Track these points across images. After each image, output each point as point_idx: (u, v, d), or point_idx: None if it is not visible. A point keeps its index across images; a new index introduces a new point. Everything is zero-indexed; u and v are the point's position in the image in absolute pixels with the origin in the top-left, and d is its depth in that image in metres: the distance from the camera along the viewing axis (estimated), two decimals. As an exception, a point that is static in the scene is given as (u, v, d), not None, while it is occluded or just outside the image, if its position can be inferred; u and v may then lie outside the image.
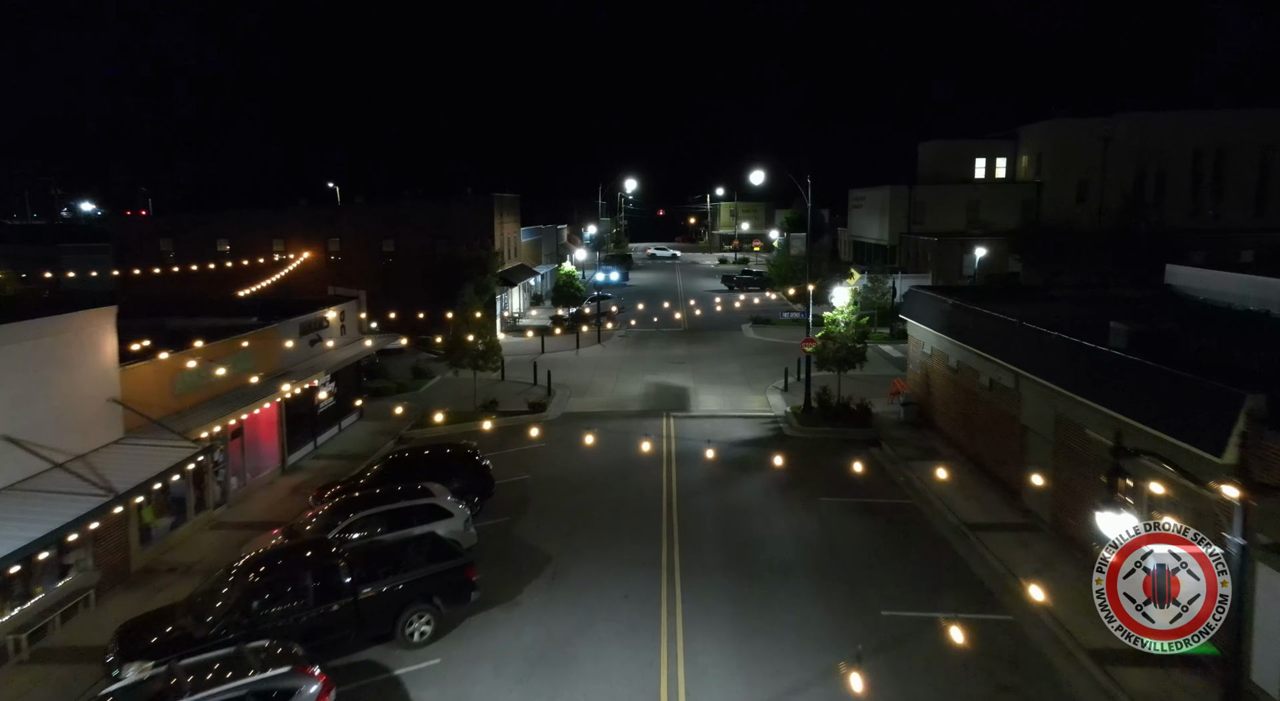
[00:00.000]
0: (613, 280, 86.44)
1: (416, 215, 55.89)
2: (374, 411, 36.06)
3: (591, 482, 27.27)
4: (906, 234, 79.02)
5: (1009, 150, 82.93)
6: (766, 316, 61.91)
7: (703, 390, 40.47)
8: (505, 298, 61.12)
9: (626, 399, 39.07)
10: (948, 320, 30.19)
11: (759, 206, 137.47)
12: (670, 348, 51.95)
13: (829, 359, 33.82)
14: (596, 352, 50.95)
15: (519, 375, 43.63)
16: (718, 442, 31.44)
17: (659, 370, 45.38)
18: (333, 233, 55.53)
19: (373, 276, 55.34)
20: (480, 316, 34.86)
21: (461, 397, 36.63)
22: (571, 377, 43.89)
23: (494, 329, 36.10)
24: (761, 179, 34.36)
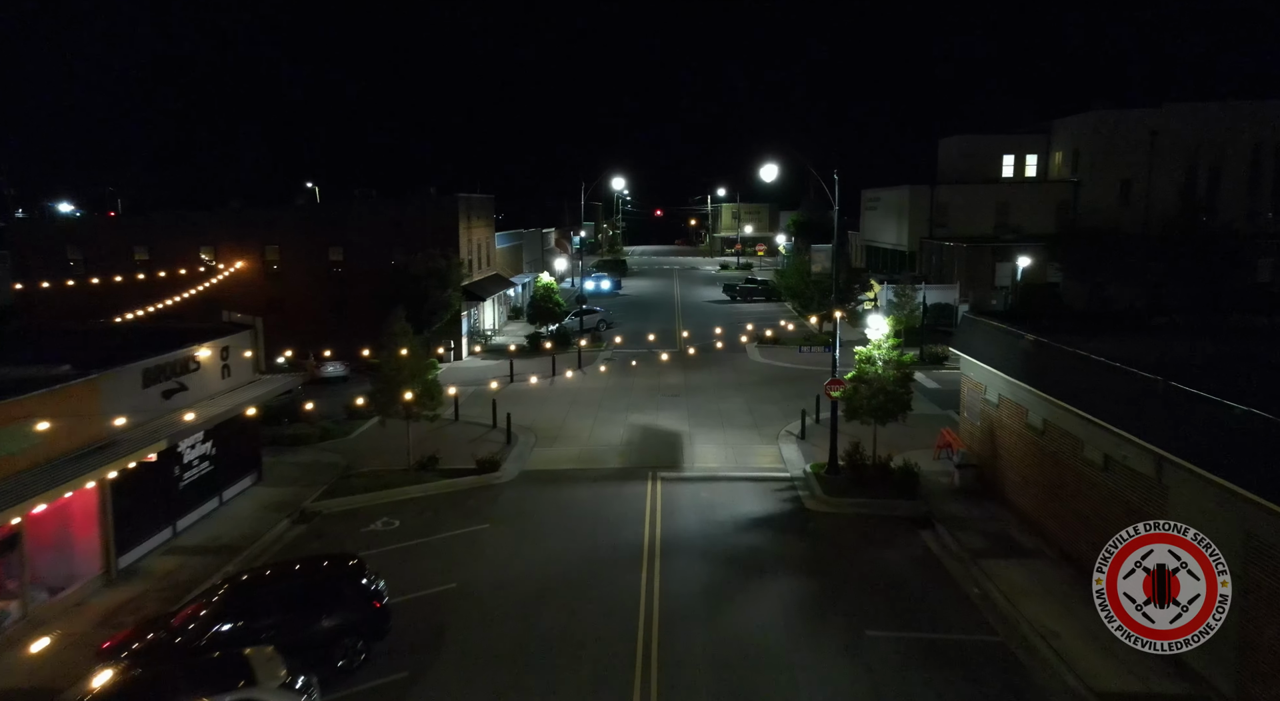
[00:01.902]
0: (603, 289, 78.69)
1: (368, 218, 48.15)
2: (281, 471, 28.28)
3: (543, 597, 19.47)
4: (928, 238, 71.24)
5: (1041, 146, 75.17)
6: (775, 334, 54.06)
7: (700, 436, 32.69)
8: (476, 312, 53.39)
9: (604, 449, 31.28)
10: (1027, 363, 22.42)
11: (763, 208, 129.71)
12: (663, 375, 44.16)
13: (862, 408, 26.04)
14: (575, 380, 43.16)
15: (479, 412, 35.91)
16: (719, 523, 23.68)
17: (648, 406, 37.57)
18: (270, 239, 47.78)
19: (318, 289, 47.69)
20: (410, 354, 27.04)
21: (398, 448, 28.92)
22: (540, 416, 36.12)
23: (431, 366, 28.26)
24: (774, 174, 26.77)
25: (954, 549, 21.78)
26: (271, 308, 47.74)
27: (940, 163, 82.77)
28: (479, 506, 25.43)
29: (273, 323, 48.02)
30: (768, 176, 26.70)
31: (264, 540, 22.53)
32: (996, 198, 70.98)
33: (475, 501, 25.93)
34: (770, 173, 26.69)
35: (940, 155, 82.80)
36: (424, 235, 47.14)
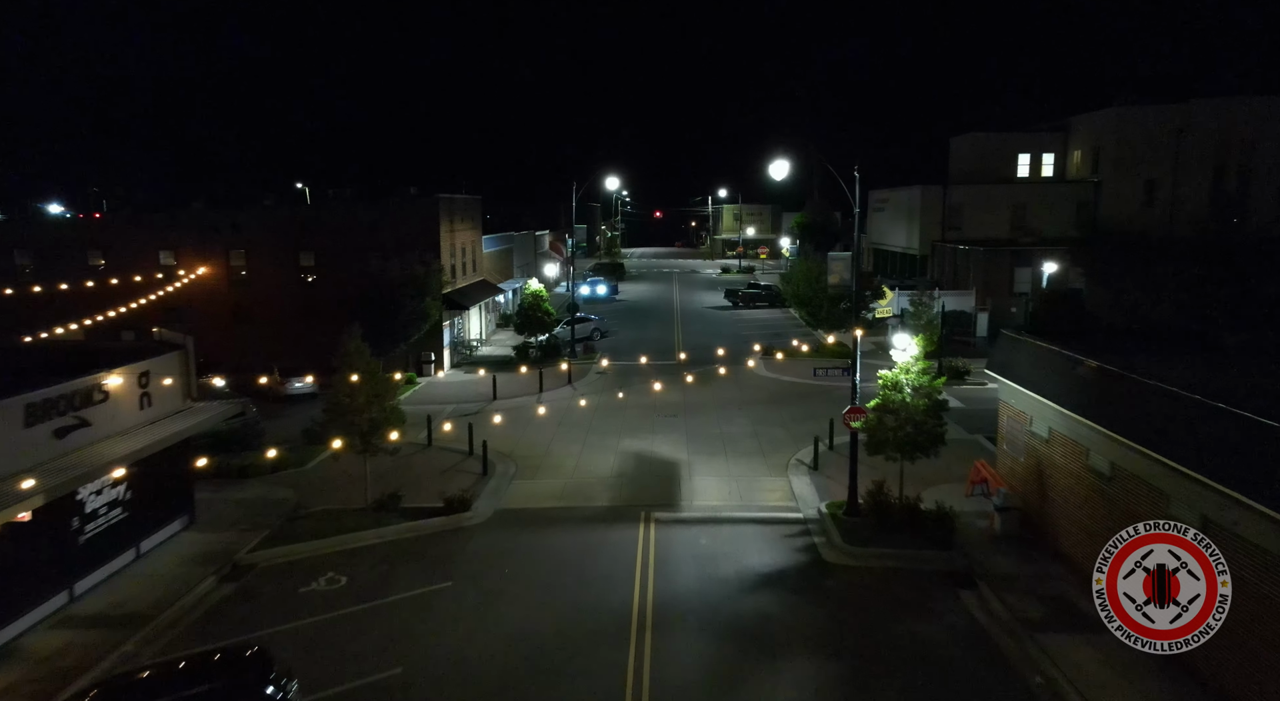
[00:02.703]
0: (599, 294, 75.12)
1: (342, 220, 44.56)
2: (220, 511, 24.70)
3: (506, 689, 15.88)
4: (940, 242, 67.73)
5: (1058, 145, 71.64)
6: (782, 345, 50.44)
7: (700, 465, 29.10)
8: (461, 322, 49.83)
9: (592, 482, 27.69)
10: (1089, 394, 18.85)
11: (765, 210, 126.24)
12: (660, 391, 40.47)
13: (887, 442, 22.43)
14: (564, 398, 39.58)
15: (456, 435, 32.32)
16: (721, 580, 20.12)
17: (643, 428, 33.99)
18: (236, 242, 44.20)
19: (288, 297, 44.12)
20: (367, 376, 23.44)
21: (360, 480, 25.38)
22: (523, 441, 32.57)
23: (394, 390, 24.59)
24: (784, 172, 23.12)
25: (1004, 617, 18.18)
26: (238, 317, 44.33)
27: (951, 162, 79.26)
28: (443, 557, 21.84)
29: (239, 334, 44.72)
30: (778, 174, 23.16)
31: (181, 604, 18.94)
32: (1012, 199, 67.46)
33: (439, 550, 22.34)
34: (780, 170, 23.15)
35: (951, 154, 79.27)
36: (402, 239, 43.62)
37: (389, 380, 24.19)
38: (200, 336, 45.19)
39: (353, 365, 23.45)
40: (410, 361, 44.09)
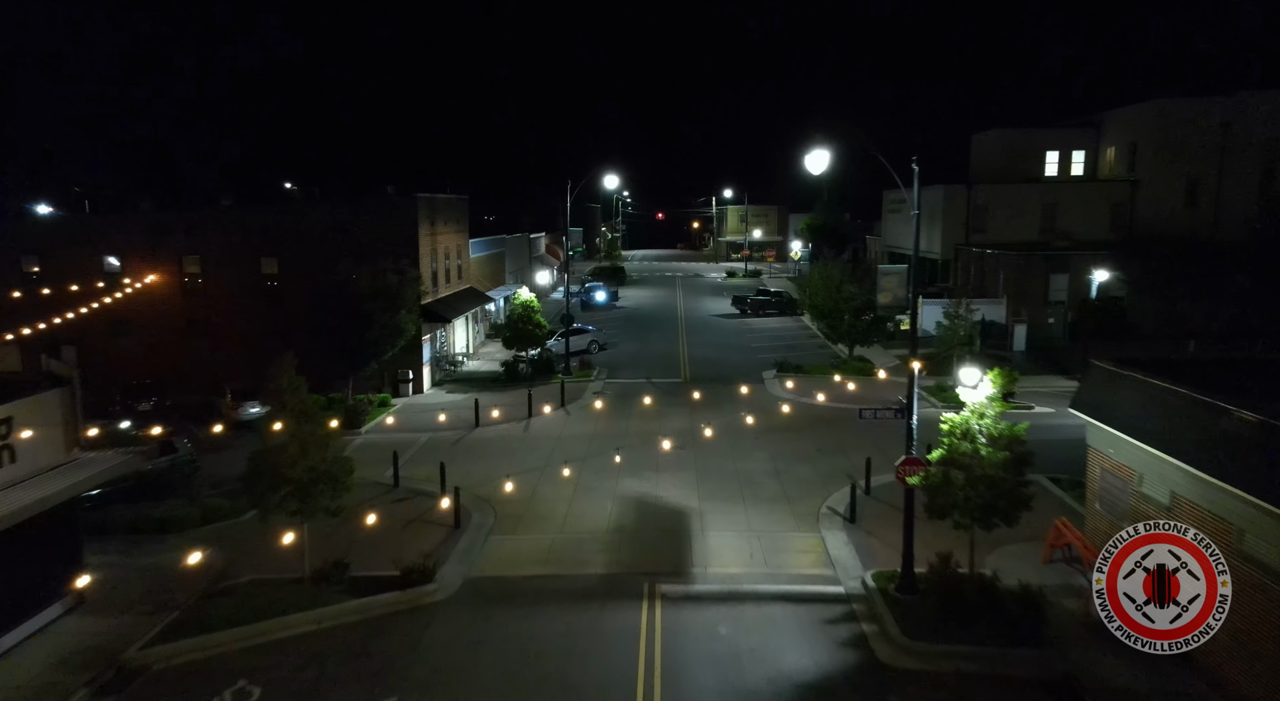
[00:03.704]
0: (598, 301, 70.32)
1: (309, 223, 39.85)
2: (120, 584, 19.97)
3: None
4: (964, 245, 62.98)
5: (1089, 141, 66.93)
6: (797, 359, 45.72)
7: (714, 515, 24.36)
8: (444, 334, 45.12)
9: (585, 537, 22.95)
10: (1243, 456, 14.09)
11: (771, 211, 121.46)
12: (665, 415, 35.84)
13: (955, 505, 17.64)
14: (556, 424, 34.85)
15: (428, 471, 27.71)
16: (750, 694, 15.37)
17: (645, 463, 29.25)
18: (189, 247, 39.51)
19: (248, 309, 39.45)
20: (302, 420, 18.69)
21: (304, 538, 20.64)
22: (503, 482, 27.83)
23: (331, 438, 19.78)
24: (824, 164, 18.43)
25: (1135, 762, 13.45)
26: (191, 330, 39.62)
27: (974, 160, 74.55)
28: (390, 656, 17.10)
29: (192, 349, 40.02)
30: (816, 167, 18.50)
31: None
32: (1042, 199, 62.75)
33: (388, 643, 17.60)
34: (818, 162, 18.50)
35: (974, 152, 74.58)
36: (377, 243, 38.90)
37: (328, 430, 19.41)
38: (149, 352, 41.08)
39: (284, 405, 18.70)
40: (385, 380, 39.41)
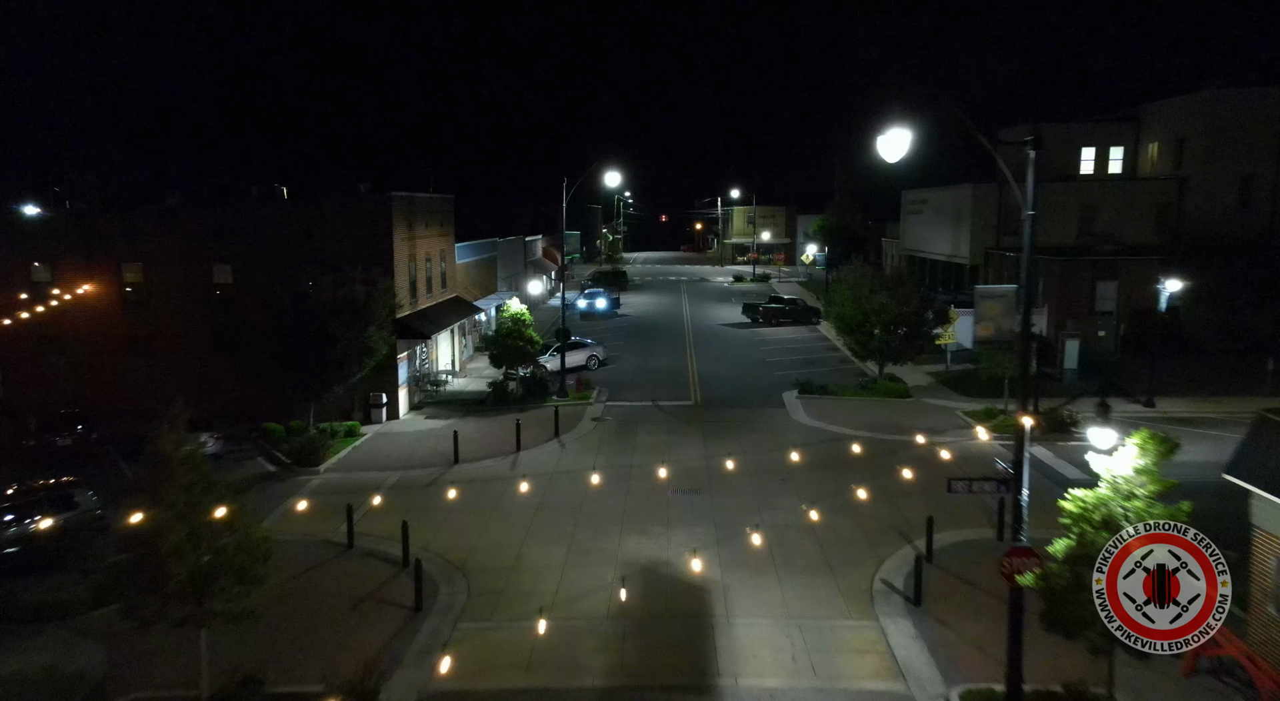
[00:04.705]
0: (598, 309, 65.41)
1: (269, 225, 34.97)
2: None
3: None
4: (995, 249, 58.07)
5: (1128, 136, 62.06)
6: (819, 378, 40.78)
7: (741, 592, 19.46)
8: (425, 350, 40.22)
9: (579, 628, 18.02)
10: None
11: (778, 212, 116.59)
12: (674, 450, 30.93)
13: (1086, 622, 12.61)
14: (549, 461, 29.94)
15: (389, 530, 22.77)
16: None
17: (653, 515, 24.32)
18: (130, 253, 34.66)
19: (198, 324, 34.61)
20: (178, 501, 13.75)
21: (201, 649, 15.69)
22: (485, 538, 22.96)
23: (236, 519, 14.86)
24: (902, 148, 13.43)
25: None
26: (133, 349, 34.73)
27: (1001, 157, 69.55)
28: None
29: (134, 370, 35.07)
30: (892, 152, 13.60)
31: None
32: (1080, 199, 57.83)
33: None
34: (895, 146, 13.56)
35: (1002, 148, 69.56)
36: (346, 248, 34.07)
37: (233, 509, 14.47)
38: (83, 373, 34.31)
39: (169, 475, 13.77)
40: (355, 404, 34.53)
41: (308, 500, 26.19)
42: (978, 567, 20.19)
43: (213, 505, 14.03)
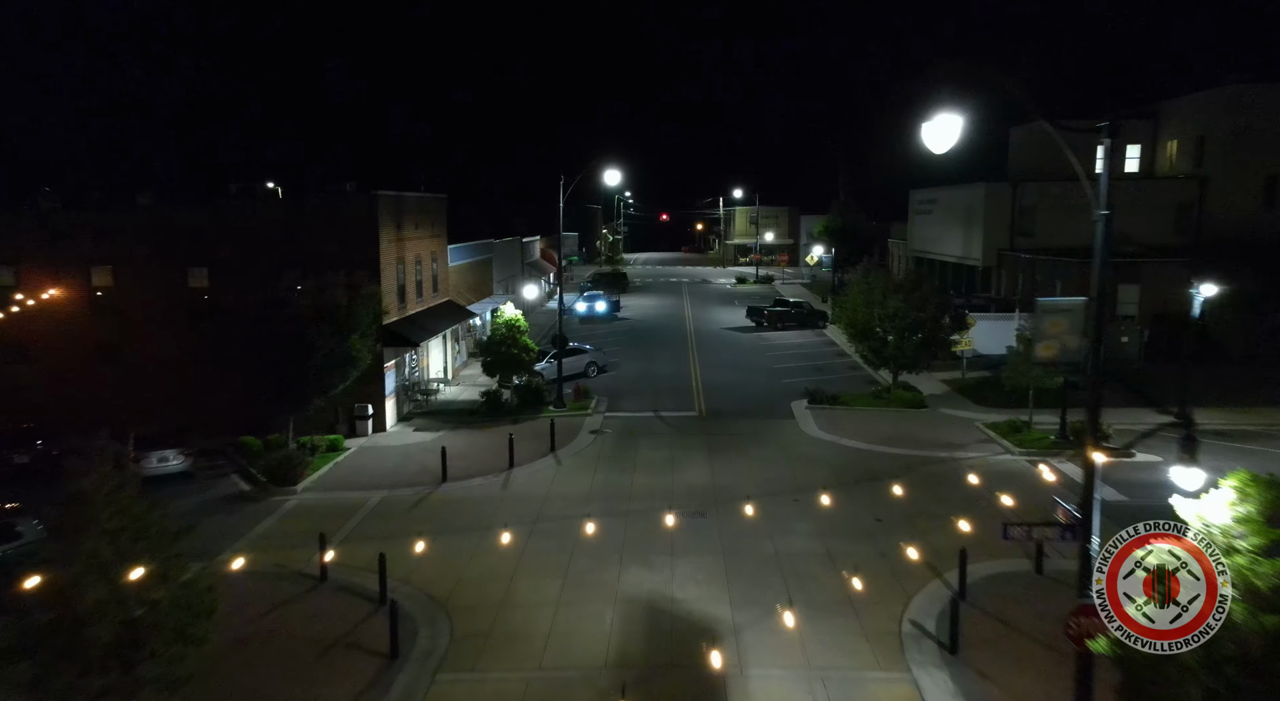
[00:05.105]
0: (597, 312, 63.41)
1: (248, 226, 32.95)
2: None
3: None
4: (1008, 251, 56.09)
5: (1144, 134, 60.04)
6: (830, 386, 38.75)
7: (754, 636, 17.45)
8: (415, 358, 38.22)
9: (573, 682, 15.97)
10: None
11: (781, 212, 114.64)
12: (677, 467, 28.92)
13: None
14: (544, 479, 27.92)
15: (367, 559, 20.75)
16: None
17: (655, 543, 22.27)
18: (99, 256, 32.68)
19: (173, 331, 32.64)
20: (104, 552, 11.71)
21: None
22: (471, 569, 20.97)
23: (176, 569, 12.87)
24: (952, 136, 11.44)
25: None
26: (103, 357, 32.72)
27: (1011, 156, 67.69)
28: None
29: (105, 380, 33.11)
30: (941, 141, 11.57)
31: None
32: (1097, 199, 55.69)
33: None
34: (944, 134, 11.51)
35: (1011, 147, 67.73)
36: (328, 250, 32.10)
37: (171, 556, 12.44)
38: (51, 383, 32.14)
39: (93, 517, 11.75)
40: (339, 416, 32.54)
41: (281, 524, 24.29)
42: (1018, 607, 18.19)
43: (145, 554, 12.01)
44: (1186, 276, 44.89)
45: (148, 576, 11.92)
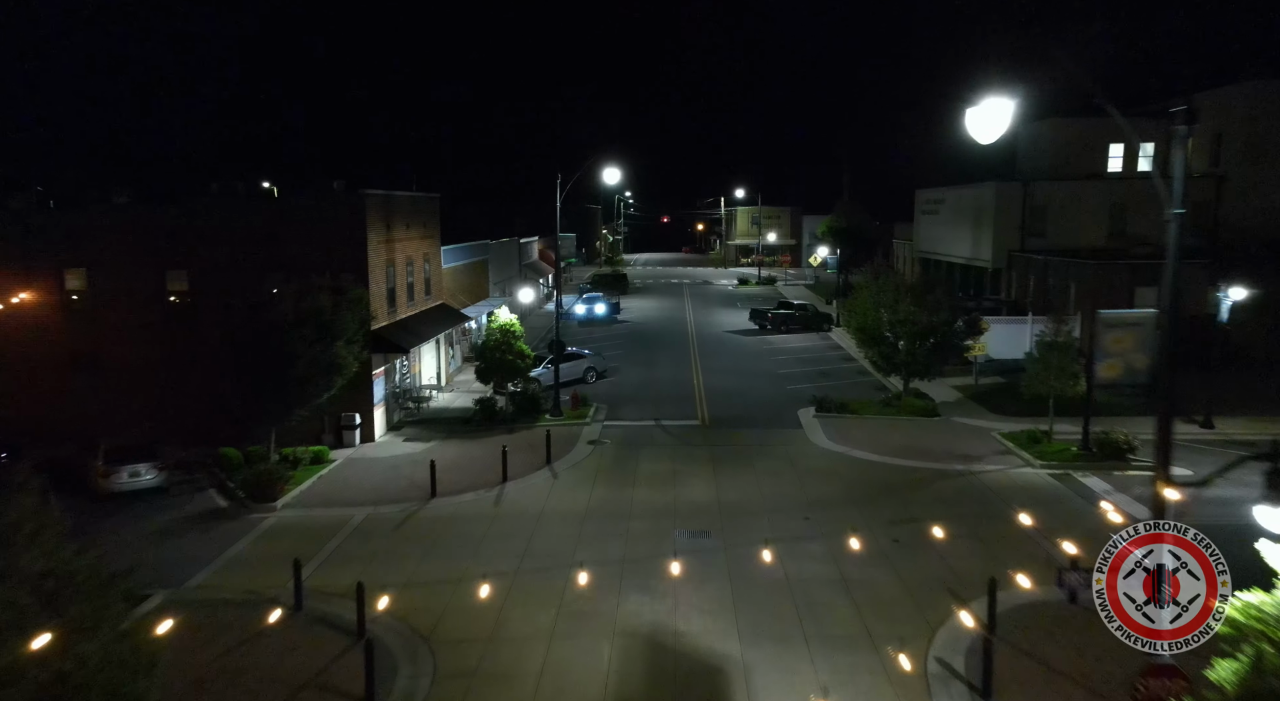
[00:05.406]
0: (596, 315, 61.91)
1: (229, 228, 31.42)
2: None
3: None
4: (1019, 252, 54.55)
5: (1159, 131, 58.12)
6: (837, 392, 37.18)
7: (766, 676, 15.92)
8: (406, 364, 36.70)
9: (567, 729, 14.51)
10: None
11: (783, 213, 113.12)
12: (680, 481, 27.38)
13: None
14: (538, 495, 26.37)
15: (346, 587, 19.17)
16: None
17: (657, 569, 20.72)
18: (74, 258, 31.18)
19: (150, 337, 31.13)
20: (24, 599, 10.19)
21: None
22: (458, 598, 19.41)
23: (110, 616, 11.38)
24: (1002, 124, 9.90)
25: None
26: (76, 364, 31.21)
27: (1021, 155, 66.16)
28: None
29: (79, 388, 31.50)
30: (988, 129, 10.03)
31: None
32: (1111, 198, 54.37)
33: None
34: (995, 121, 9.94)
35: (1021, 145, 66.16)
36: (313, 252, 30.62)
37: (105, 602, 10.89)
38: (22, 391, 30.42)
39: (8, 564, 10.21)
40: (326, 425, 31.04)
41: (257, 545, 22.76)
42: (1053, 643, 16.65)
43: (73, 603, 10.47)
44: (1206, 278, 43.62)
45: (75, 628, 10.37)
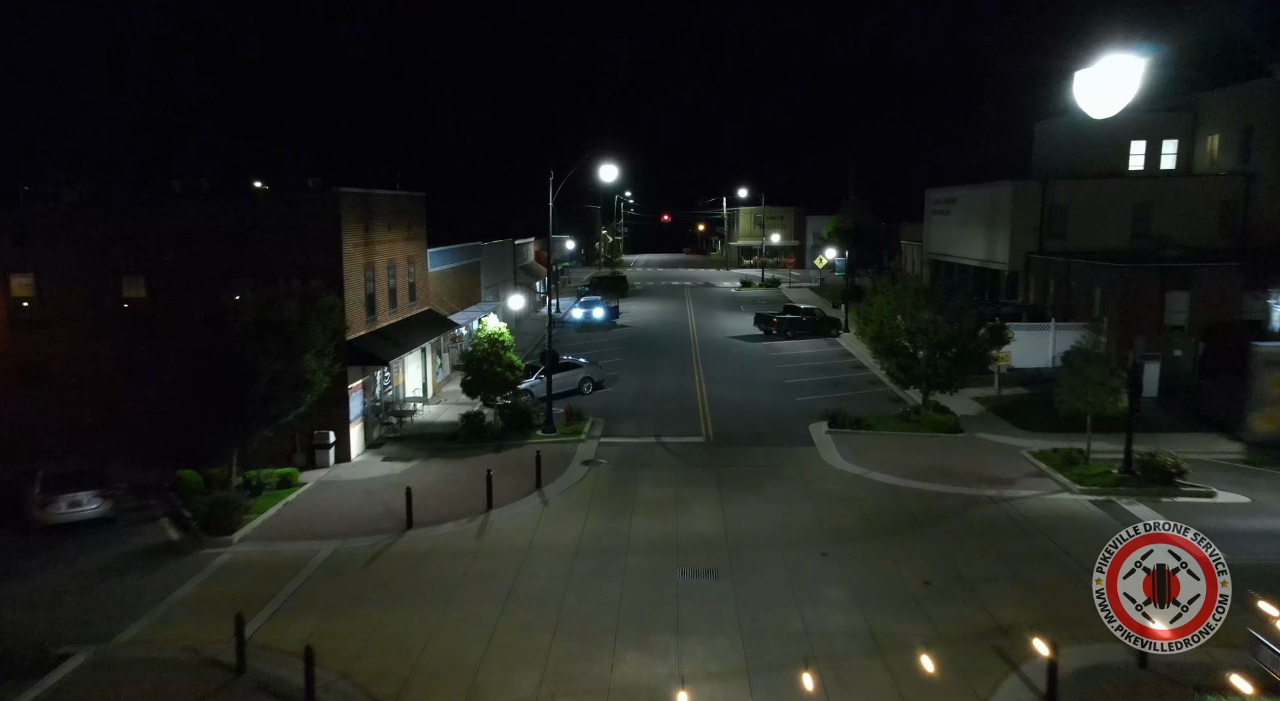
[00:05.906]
0: (595, 319, 59.28)
1: (191, 228, 28.83)
2: None
3: None
4: (1038, 254, 51.96)
5: (1182, 127, 55.86)
6: (850, 404, 34.51)
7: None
8: (389, 376, 34.11)
9: None
10: None
11: (787, 213, 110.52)
12: (682, 508, 24.78)
13: None
14: (526, 526, 23.75)
15: (307, 634, 16.52)
16: None
17: (658, 618, 18.13)
18: (20, 261, 28.60)
19: (105, 348, 28.57)
20: None
21: None
22: (430, 653, 16.81)
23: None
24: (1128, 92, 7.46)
25: None
26: (24, 377, 28.62)
27: (1037, 153, 63.61)
28: None
29: (27, 402, 29.00)
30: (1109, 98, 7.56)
31: None
32: (1133, 197, 51.79)
33: None
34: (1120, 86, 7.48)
35: (1038, 143, 63.61)
36: (283, 255, 28.09)
37: None
38: None
39: None
40: (298, 444, 28.46)
41: (204, 588, 20.17)
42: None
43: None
44: (1241, 282, 41.07)
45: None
